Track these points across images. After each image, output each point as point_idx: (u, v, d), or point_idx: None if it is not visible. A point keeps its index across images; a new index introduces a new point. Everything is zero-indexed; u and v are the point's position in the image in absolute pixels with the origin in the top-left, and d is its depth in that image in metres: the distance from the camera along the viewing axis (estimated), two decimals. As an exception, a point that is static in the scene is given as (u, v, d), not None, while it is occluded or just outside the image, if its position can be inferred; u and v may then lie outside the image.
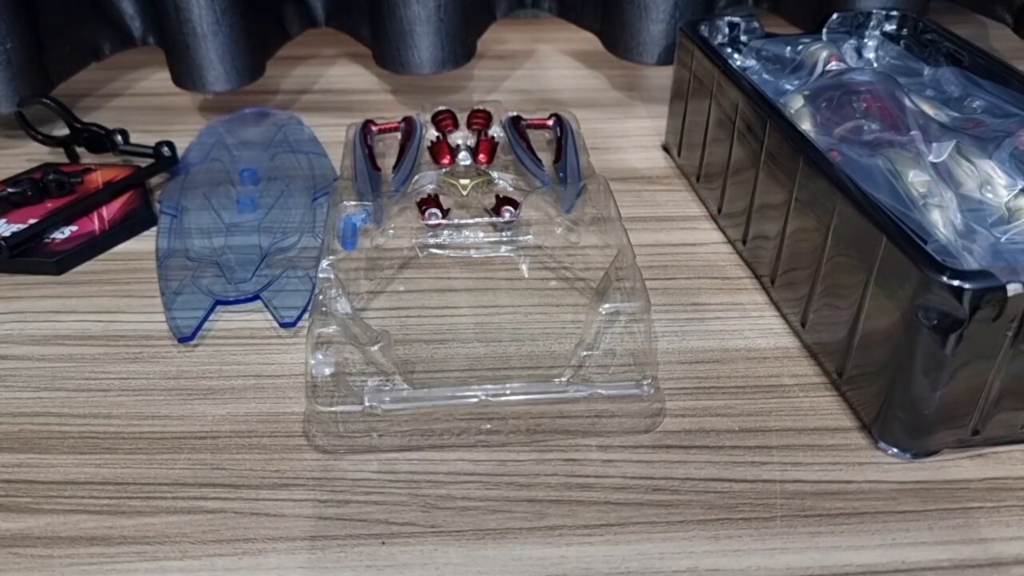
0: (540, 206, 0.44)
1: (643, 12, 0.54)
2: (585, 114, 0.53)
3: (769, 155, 0.38)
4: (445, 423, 0.32)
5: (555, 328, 0.38)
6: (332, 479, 0.31)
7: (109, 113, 0.59)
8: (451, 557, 0.28)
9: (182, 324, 0.38)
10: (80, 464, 0.31)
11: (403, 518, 0.29)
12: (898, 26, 0.50)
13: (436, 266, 0.42)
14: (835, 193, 0.33)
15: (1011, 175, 0.36)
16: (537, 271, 0.42)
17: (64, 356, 0.37)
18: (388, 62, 0.55)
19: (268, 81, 0.58)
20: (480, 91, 0.61)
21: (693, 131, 0.48)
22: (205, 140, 0.53)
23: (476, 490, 0.30)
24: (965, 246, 0.32)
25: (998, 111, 0.41)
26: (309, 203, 0.46)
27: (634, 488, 0.30)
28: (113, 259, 0.43)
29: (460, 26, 0.54)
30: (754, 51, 0.49)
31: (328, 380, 0.32)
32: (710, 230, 0.45)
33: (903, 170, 0.35)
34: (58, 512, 0.30)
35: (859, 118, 0.40)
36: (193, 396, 0.35)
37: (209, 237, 0.44)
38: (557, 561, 0.28)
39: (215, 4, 0.51)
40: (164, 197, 0.47)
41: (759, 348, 0.37)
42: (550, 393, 0.32)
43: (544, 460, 0.32)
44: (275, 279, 0.40)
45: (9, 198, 0.45)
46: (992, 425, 0.31)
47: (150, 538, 0.29)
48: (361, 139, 0.49)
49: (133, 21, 0.59)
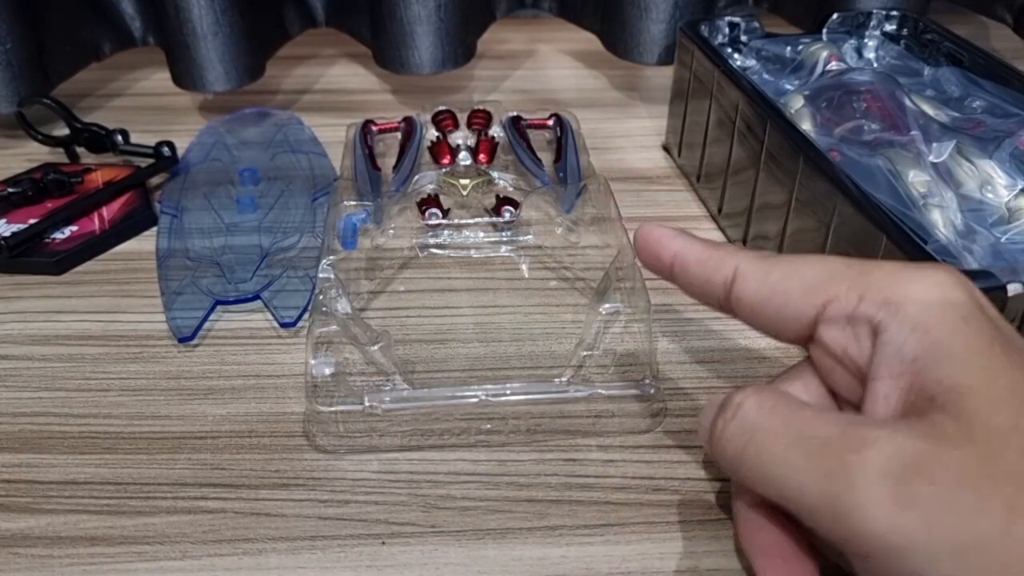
0: (540, 206, 0.44)
1: (643, 12, 0.54)
2: (585, 114, 0.53)
3: (769, 155, 0.38)
4: (445, 423, 0.32)
5: (555, 328, 0.38)
6: (332, 479, 0.31)
7: (109, 113, 0.59)
8: (451, 557, 0.28)
9: (182, 324, 0.38)
10: (80, 464, 0.31)
11: (403, 518, 0.29)
12: (898, 26, 0.50)
13: (436, 266, 0.42)
14: (835, 193, 0.33)
15: (1011, 175, 0.36)
16: (537, 271, 0.42)
17: (64, 356, 0.37)
18: (388, 62, 0.55)
19: (268, 81, 0.58)
20: (480, 91, 0.61)
21: (693, 131, 0.48)
22: (205, 140, 0.53)
23: (476, 490, 0.30)
24: (965, 246, 0.32)
25: (998, 111, 0.41)
26: (309, 203, 0.46)
27: (634, 488, 0.30)
28: (113, 259, 0.43)
29: (460, 26, 0.54)
30: (754, 51, 0.49)
31: (328, 380, 0.32)
32: (710, 230, 0.45)
33: (903, 170, 0.35)
34: (58, 512, 0.30)
35: (859, 118, 0.40)
36: (193, 396, 0.35)
37: (209, 237, 0.44)
38: (557, 561, 0.28)
39: (215, 4, 0.51)
40: (164, 197, 0.47)
41: (759, 348, 0.37)
42: (550, 393, 0.32)
43: (544, 460, 0.32)
44: (275, 279, 0.40)
45: (9, 198, 0.45)
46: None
47: (150, 538, 0.29)
48: (361, 139, 0.49)
49: (133, 21, 0.59)
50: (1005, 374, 0.21)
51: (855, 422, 0.23)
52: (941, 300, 0.23)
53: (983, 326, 0.22)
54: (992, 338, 0.22)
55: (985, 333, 0.22)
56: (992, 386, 0.21)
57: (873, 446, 0.21)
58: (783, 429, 0.23)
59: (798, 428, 0.23)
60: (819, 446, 0.22)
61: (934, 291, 0.23)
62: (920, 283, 0.23)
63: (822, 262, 0.25)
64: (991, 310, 0.23)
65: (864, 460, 0.21)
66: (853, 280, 0.24)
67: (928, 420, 0.21)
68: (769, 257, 0.26)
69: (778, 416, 0.23)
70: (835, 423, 0.22)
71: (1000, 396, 0.21)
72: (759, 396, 0.24)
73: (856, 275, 0.24)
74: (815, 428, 0.22)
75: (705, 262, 0.27)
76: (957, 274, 0.23)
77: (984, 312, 0.23)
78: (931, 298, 0.23)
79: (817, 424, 0.23)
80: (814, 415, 0.23)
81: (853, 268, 0.24)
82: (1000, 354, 0.22)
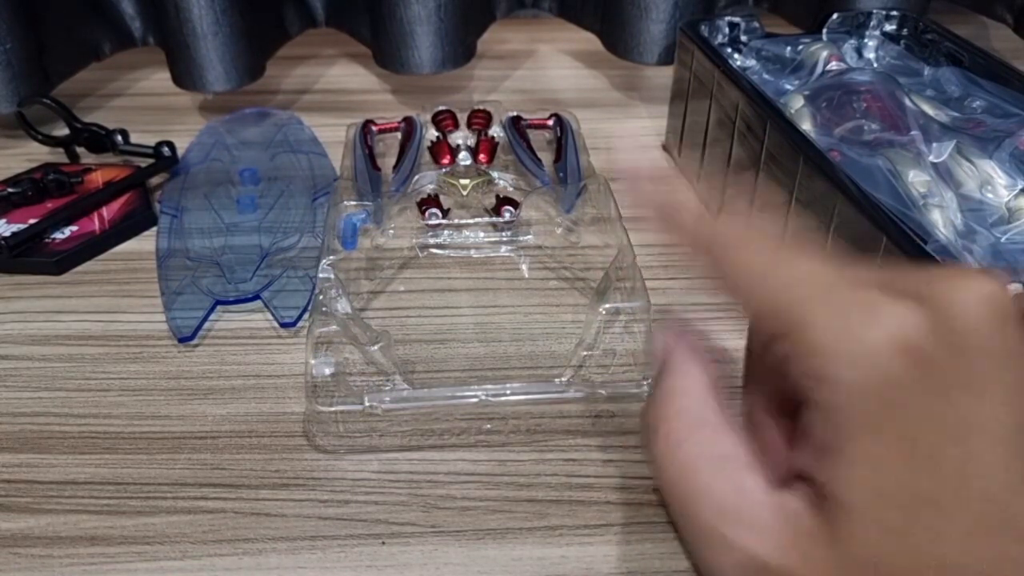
0: (540, 206, 0.44)
1: (643, 12, 0.54)
2: (585, 114, 0.53)
3: (769, 155, 0.38)
4: (445, 423, 0.32)
5: (555, 328, 0.38)
6: (332, 479, 0.31)
7: (109, 113, 0.59)
8: (451, 557, 0.28)
9: (182, 324, 0.38)
10: (80, 464, 0.31)
11: (403, 518, 0.29)
12: (898, 26, 0.50)
13: (436, 266, 0.42)
14: (835, 193, 0.33)
15: (1011, 175, 0.36)
16: (537, 271, 0.42)
17: (64, 356, 0.37)
18: (388, 62, 0.55)
19: (268, 81, 0.58)
20: (480, 91, 0.61)
21: (693, 131, 0.48)
22: (205, 140, 0.53)
23: (476, 490, 0.30)
24: (965, 246, 0.32)
25: (998, 111, 0.41)
26: (309, 203, 0.46)
27: (634, 488, 0.30)
28: (113, 259, 0.43)
29: (460, 26, 0.54)
30: (754, 51, 0.49)
31: (328, 380, 0.32)
32: (710, 230, 0.45)
33: (903, 170, 0.35)
34: (58, 512, 0.30)
35: (859, 118, 0.40)
36: (193, 396, 0.35)
37: (209, 237, 0.44)
38: (557, 561, 0.28)
39: (215, 4, 0.51)
40: (164, 197, 0.47)
41: (759, 348, 0.37)
42: (550, 393, 0.32)
43: (544, 460, 0.32)
44: (275, 279, 0.40)
45: (9, 198, 0.45)
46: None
47: (150, 538, 0.29)
48: (361, 139, 0.49)
49: (133, 21, 0.59)
50: (895, 497, 0.20)
51: (742, 489, 0.22)
52: (861, 393, 0.20)
53: (896, 432, 0.20)
54: (901, 443, 0.20)
55: (898, 441, 0.20)
56: (876, 508, 0.20)
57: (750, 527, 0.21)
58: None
59: (695, 483, 0.23)
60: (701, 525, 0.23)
61: (863, 374, 0.20)
62: (854, 365, 0.21)
63: (799, 285, 0.22)
64: (919, 404, 0.20)
65: (732, 541, 0.21)
66: (802, 336, 0.22)
67: (807, 509, 0.21)
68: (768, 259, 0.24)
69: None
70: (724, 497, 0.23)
71: (882, 523, 0.20)
72: (668, 425, 0.24)
73: (801, 330, 0.22)
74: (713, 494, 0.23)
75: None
76: (902, 337, 0.20)
77: (907, 410, 0.20)
78: (849, 390, 0.20)
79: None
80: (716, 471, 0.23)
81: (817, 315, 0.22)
82: (897, 461, 0.20)
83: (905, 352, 0.20)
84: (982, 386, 0.20)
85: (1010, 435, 0.19)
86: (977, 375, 0.20)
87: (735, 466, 0.22)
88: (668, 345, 0.26)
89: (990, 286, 0.21)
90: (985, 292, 0.20)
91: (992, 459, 0.19)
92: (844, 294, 0.21)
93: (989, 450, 0.19)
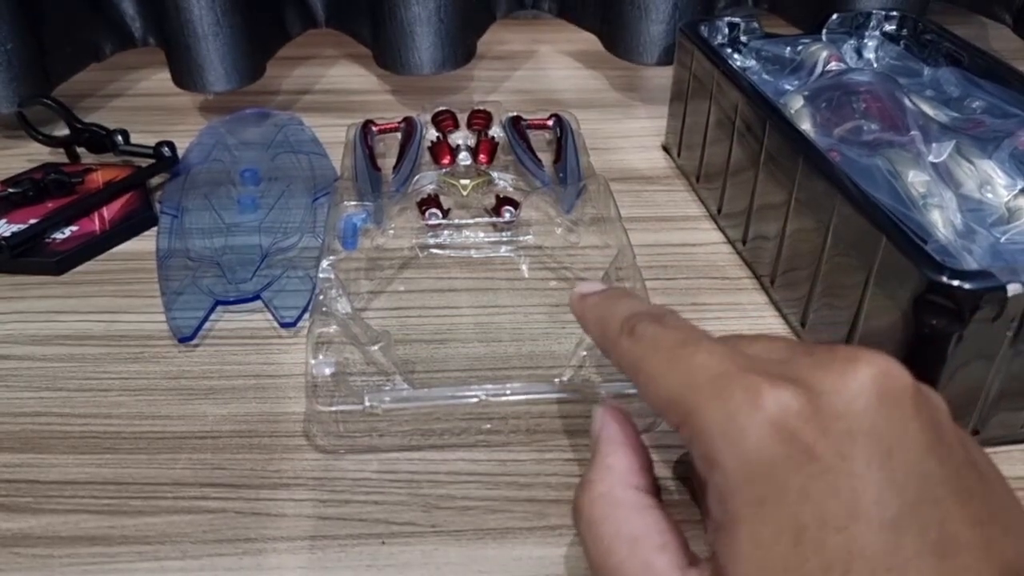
0: (540, 206, 0.44)
1: (643, 13, 0.54)
2: (585, 114, 0.53)
3: (769, 155, 0.38)
4: (445, 423, 0.32)
5: (555, 328, 0.38)
6: (332, 479, 0.31)
7: (109, 113, 0.59)
8: (451, 557, 0.28)
9: (182, 324, 0.38)
10: (81, 464, 0.31)
11: (403, 518, 0.29)
12: (898, 26, 0.50)
13: (436, 266, 0.42)
14: (835, 193, 0.33)
15: (1011, 175, 0.36)
16: (537, 271, 0.42)
17: (65, 356, 0.37)
18: (388, 63, 0.55)
19: (269, 81, 0.58)
20: (480, 91, 0.61)
21: (693, 131, 0.48)
22: (205, 140, 0.53)
23: (476, 490, 0.30)
24: (965, 246, 0.32)
25: (998, 111, 0.41)
26: (310, 203, 0.46)
27: (634, 488, 0.30)
28: (113, 259, 0.44)
29: (460, 27, 0.54)
30: (754, 51, 0.49)
31: (328, 380, 0.32)
32: (710, 230, 0.45)
33: (903, 170, 0.36)
34: (59, 512, 0.30)
35: (859, 118, 0.40)
36: (194, 396, 0.35)
37: (210, 237, 0.44)
38: (557, 561, 0.28)
39: (216, 4, 0.51)
40: (164, 197, 0.47)
41: (759, 348, 0.37)
42: (550, 393, 0.32)
43: (544, 460, 0.32)
44: (275, 279, 0.40)
45: (9, 198, 0.45)
46: (992, 425, 0.31)
47: (151, 538, 0.29)
48: (361, 139, 0.49)
49: (133, 21, 0.59)
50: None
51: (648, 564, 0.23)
52: (745, 475, 0.21)
53: (779, 513, 0.20)
54: (784, 530, 0.20)
55: (780, 521, 0.20)
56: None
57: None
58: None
59: (615, 527, 0.24)
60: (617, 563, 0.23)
61: (745, 456, 0.21)
62: (737, 447, 0.21)
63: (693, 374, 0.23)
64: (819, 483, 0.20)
65: None
66: (689, 416, 0.23)
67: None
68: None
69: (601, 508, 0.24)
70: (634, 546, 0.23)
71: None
72: (590, 490, 0.25)
73: (691, 417, 0.22)
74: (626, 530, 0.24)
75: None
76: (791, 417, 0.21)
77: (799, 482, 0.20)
78: (734, 472, 0.21)
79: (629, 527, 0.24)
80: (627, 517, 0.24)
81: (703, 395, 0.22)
82: (782, 541, 0.20)
83: (782, 435, 0.21)
84: (861, 468, 0.20)
85: (893, 518, 0.19)
86: (854, 457, 0.20)
87: (646, 546, 0.23)
88: (599, 428, 0.27)
89: (877, 368, 0.21)
90: (870, 374, 0.21)
91: (876, 545, 0.19)
92: (731, 380, 0.22)
93: (872, 535, 0.19)
